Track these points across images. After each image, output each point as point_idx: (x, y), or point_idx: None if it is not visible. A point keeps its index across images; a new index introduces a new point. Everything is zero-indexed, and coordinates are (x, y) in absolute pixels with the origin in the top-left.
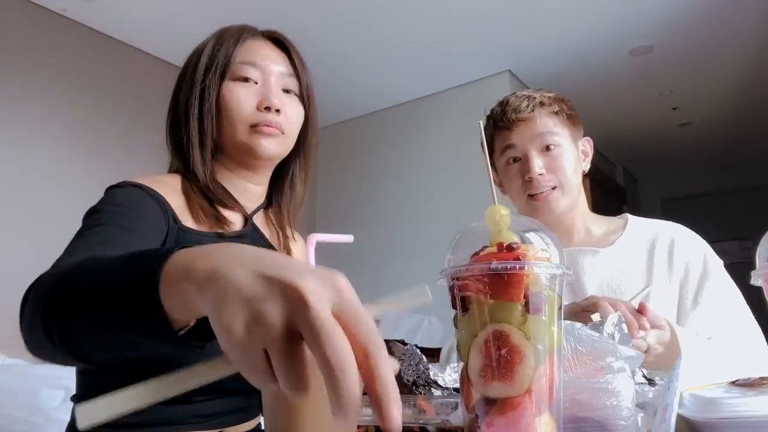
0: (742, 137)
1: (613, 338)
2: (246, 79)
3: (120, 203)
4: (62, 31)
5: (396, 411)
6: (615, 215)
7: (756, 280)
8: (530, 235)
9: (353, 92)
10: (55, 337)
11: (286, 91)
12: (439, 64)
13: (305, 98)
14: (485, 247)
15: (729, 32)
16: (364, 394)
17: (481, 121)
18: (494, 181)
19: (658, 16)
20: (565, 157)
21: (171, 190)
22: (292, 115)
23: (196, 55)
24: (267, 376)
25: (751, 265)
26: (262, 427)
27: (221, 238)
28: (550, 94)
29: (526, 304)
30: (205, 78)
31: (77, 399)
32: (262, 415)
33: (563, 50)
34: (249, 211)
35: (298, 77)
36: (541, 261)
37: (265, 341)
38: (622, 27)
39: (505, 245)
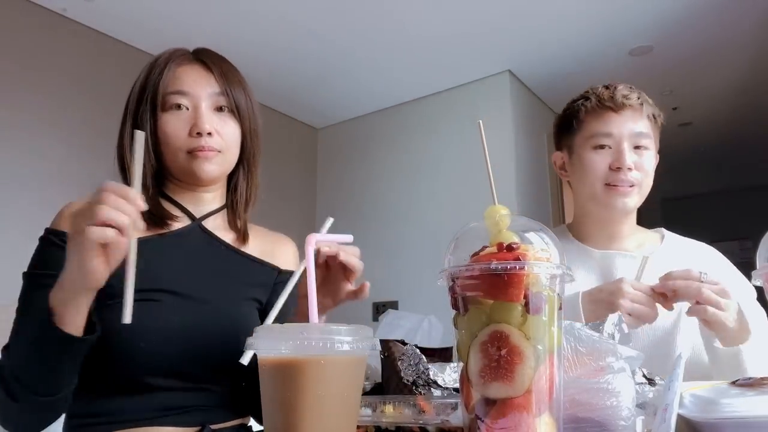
0: (742, 137)
1: (613, 338)
2: (179, 106)
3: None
4: (62, 31)
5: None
6: None
7: (756, 280)
8: (530, 235)
9: (353, 92)
10: (20, 391)
11: (220, 108)
12: (439, 64)
13: (236, 112)
14: (485, 247)
15: (729, 32)
16: (365, 393)
17: (480, 121)
18: (555, 162)
19: (658, 16)
20: (649, 161)
21: None
22: (226, 133)
23: (133, 87)
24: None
25: (752, 265)
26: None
27: (162, 238)
28: (650, 100)
29: (526, 304)
30: (138, 109)
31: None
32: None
33: (563, 50)
34: (203, 214)
35: (227, 94)
36: (541, 261)
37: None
38: (622, 27)
39: (505, 245)
